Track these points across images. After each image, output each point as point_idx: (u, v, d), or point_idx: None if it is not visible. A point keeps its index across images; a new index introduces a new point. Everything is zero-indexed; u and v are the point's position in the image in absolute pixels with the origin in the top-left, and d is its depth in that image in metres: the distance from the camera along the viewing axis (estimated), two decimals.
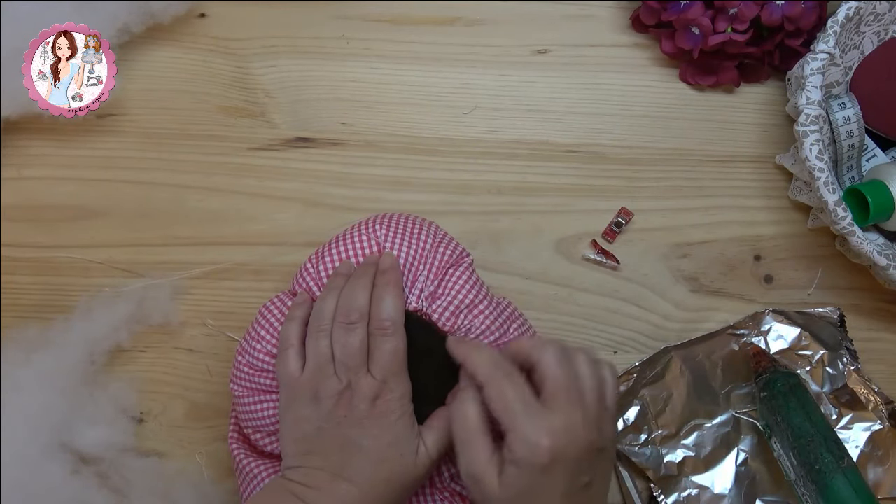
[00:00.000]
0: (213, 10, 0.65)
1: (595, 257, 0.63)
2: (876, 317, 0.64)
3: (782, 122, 0.65)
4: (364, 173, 0.64)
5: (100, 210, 0.64)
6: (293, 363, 0.51)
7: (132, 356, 0.62)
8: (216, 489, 0.61)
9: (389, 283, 0.52)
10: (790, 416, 0.56)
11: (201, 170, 0.64)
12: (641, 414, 0.61)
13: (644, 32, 0.65)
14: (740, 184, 0.64)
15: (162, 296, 0.62)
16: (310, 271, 0.55)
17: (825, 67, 0.58)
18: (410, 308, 0.53)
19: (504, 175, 0.64)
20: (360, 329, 0.50)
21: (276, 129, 0.64)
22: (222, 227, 0.64)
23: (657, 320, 0.63)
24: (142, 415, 0.62)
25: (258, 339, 0.54)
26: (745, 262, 0.64)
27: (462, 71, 0.65)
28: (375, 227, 0.55)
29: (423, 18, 0.65)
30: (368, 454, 0.48)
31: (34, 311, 0.63)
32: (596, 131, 0.65)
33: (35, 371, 0.58)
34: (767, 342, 0.62)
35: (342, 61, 0.65)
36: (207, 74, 0.65)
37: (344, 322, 0.50)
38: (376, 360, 0.49)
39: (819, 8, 0.61)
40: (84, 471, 0.59)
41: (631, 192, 0.64)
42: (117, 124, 0.64)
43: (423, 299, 0.53)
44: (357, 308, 0.50)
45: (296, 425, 0.50)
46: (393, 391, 0.49)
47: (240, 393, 0.54)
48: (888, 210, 0.58)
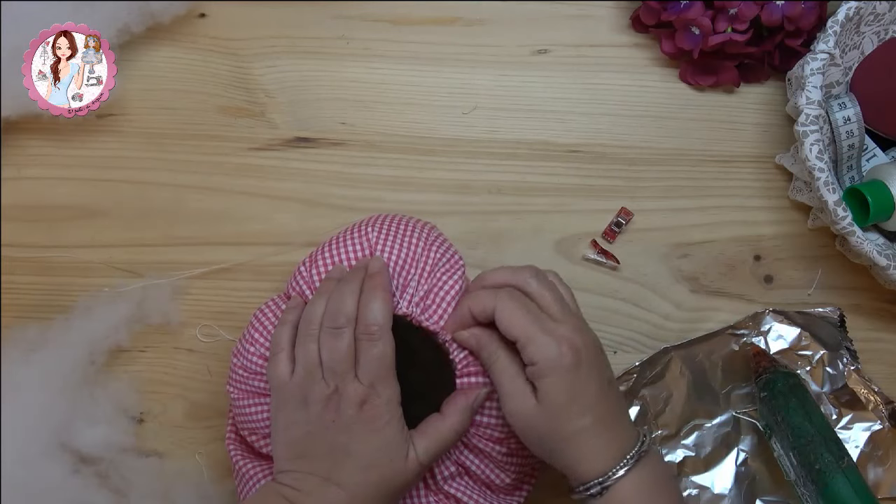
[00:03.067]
0: (213, 10, 0.65)
1: (595, 257, 0.63)
2: (876, 317, 0.64)
3: (782, 122, 0.65)
4: (364, 173, 0.64)
5: (100, 210, 0.64)
6: (283, 367, 0.51)
7: (132, 356, 0.62)
8: (216, 489, 0.61)
9: (377, 287, 0.51)
10: (790, 416, 0.56)
11: (201, 170, 0.64)
12: (641, 414, 0.61)
13: (644, 32, 0.65)
14: (740, 184, 0.64)
15: (162, 296, 0.62)
16: (303, 275, 0.55)
17: (825, 67, 0.58)
18: (400, 312, 0.53)
19: (504, 175, 0.64)
20: (347, 334, 0.50)
21: (276, 129, 0.64)
22: (222, 227, 0.64)
23: (657, 320, 0.63)
24: (142, 415, 0.62)
25: (252, 342, 0.54)
26: (745, 262, 0.64)
27: (462, 71, 0.65)
28: (367, 229, 0.55)
29: (423, 18, 0.65)
30: (357, 459, 0.49)
31: (34, 311, 0.63)
32: (596, 131, 0.65)
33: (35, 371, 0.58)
34: (767, 342, 0.62)
35: (342, 61, 0.65)
36: (207, 74, 0.65)
37: (331, 326, 0.50)
38: (363, 364, 0.49)
39: (819, 8, 0.61)
40: (84, 471, 0.59)
41: (631, 192, 0.64)
42: (117, 124, 0.64)
43: (413, 303, 0.53)
44: (344, 312, 0.50)
45: (286, 429, 0.50)
46: (380, 396, 0.49)
47: (235, 395, 0.54)
48: (888, 210, 0.58)
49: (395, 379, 0.50)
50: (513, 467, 0.53)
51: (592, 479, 0.47)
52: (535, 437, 0.49)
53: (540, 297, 0.50)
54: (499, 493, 0.55)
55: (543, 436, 0.48)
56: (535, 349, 0.47)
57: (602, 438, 0.48)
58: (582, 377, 0.48)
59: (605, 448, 0.48)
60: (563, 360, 0.47)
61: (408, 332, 0.52)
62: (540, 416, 0.48)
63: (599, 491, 0.47)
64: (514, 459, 0.53)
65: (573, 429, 0.48)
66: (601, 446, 0.48)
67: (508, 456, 0.53)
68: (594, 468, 0.47)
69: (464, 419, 0.51)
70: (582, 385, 0.48)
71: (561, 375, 0.47)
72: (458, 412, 0.51)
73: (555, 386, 0.47)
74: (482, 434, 0.53)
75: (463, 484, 0.54)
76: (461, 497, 0.53)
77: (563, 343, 0.48)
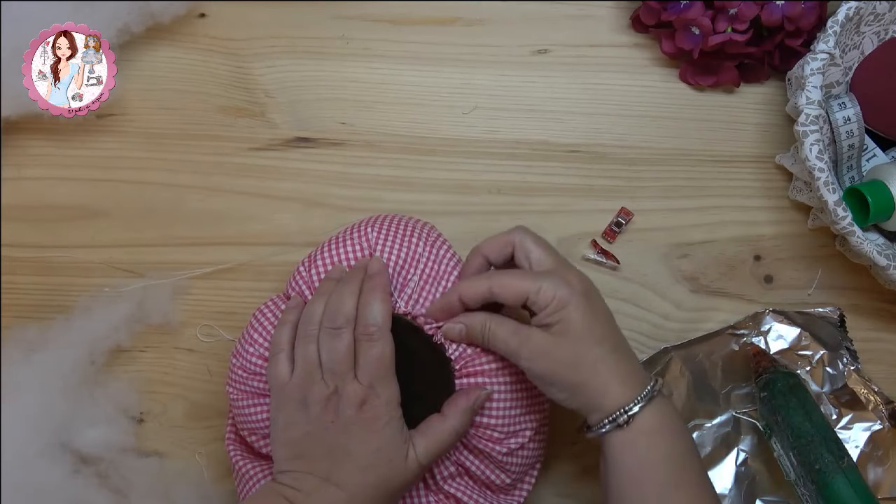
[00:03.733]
0: (213, 10, 0.65)
1: (595, 257, 0.63)
2: (876, 317, 0.64)
3: (782, 122, 0.65)
4: (364, 173, 0.64)
5: (100, 210, 0.64)
6: (283, 368, 0.51)
7: (132, 356, 0.62)
8: (216, 489, 0.61)
9: (376, 287, 0.51)
10: (790, 416, 0.56)
11: (201, 170, 0.64)
12: None
13: (644, 32, 0.65)
14: (740, 184, 0.64)
15: (162, 296, 0.62)
16: (302, 275, 0.55)
17: (825, 67, 0.58)
18: (399, 312, 0.53)
19: (504, 175, 0.64)
20: (347, 334, 0.50)
21: (276, 129, 0.64)
22: (222, 227, 0.64)
23: (657, 320, 0.63)
24: (142, 415, 0.62)
25: (251, 342, 0.54)
26: (745, 262, 0.64)
27: (462, 71, 0.65)
28: (367, 229, 0.55)
29: (423, 18, 0.65)
30: (356, 459, 0.49)
31: (34, 311, 0.63)
32: (596, 131, 0.65)
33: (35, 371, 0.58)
34: (767, 342, 0.62)
35: (342, 61, 0.65)
36: (207, 74, 0.65)
37: (330, 327, 0.50)
38: (362, 365, 0.49)
39: (819, 8, 0.61)
40: (84, 471, 0.59)
41: (631, 192, 0.64)
42: (117, 124, 0.64)
43: (412, 303, 0.53)
44: (343, 313, 0.50)
45: (285, 430, 0.50)
46: (379, 396, 0.49)
47: (235, 396, 0.54)
48: (888, 210, 0.58)
49: (394, 379, 0.50)
50: (512, 467, 0.54)
51: (615, 410, 0.48)
52: (560, 374, 0.49)
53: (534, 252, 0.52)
54: (498, 493, 0.55)
55: (569, 368, 0.49)
56: (547, 290, 0.49)
57: (621, 368, 0.50)
58: (593, 305, 0.50)
59: (625, 378, 0.49)
60: (575, 289, 0.49)
61: (407, 333, 0.52)
62: (563, 348, 0.49)
63: (627, 420, 0.48)
64: (513, 459, 0.53)
65: (596, 355, 0.49)
66: (622, 376, 0.49)
67: (508, 456, 0.53)
68: (617, 400, 0.49)
69: (464, 420, 0.51)
70: (594, 312, 0.50)
71: (577, 303, 0.49)
72: (459, 413, 0.51)
73: (574, 313, 0.49)
74: (482, 434, 0.53)
75: (463, 484, 0.54)
76: (461, 497, 0.53)
77: (569, 277, 0.50)
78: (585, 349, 0.49)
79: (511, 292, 0.50)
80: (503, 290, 0.50)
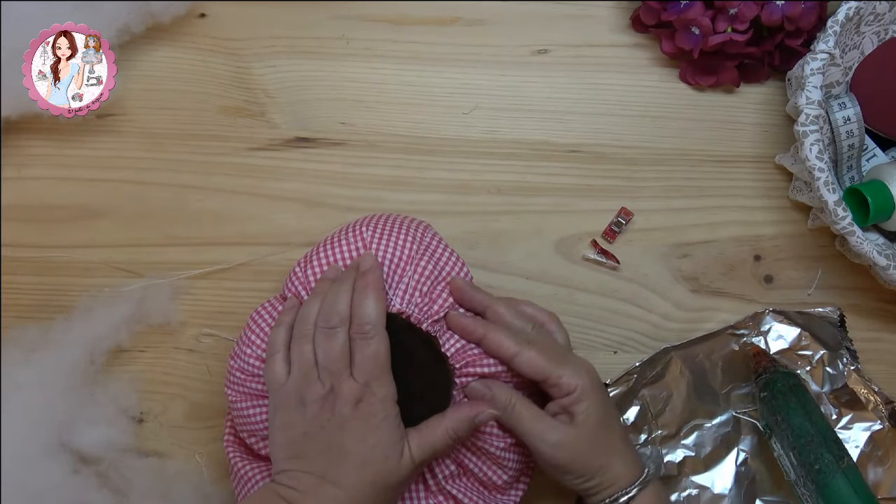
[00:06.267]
0: (213, 10, 0.65)
1: (595, 257, 0.63)
2: (876, 317, 0.64)
3: (782, 122, 0.65)
4: (364, 173, 0.64)
5: (100, 210, 0.64)
6: (279, 369, 0.51)
7: (132, 356, 0.62)
8: (216, 489, 0.61)
9: (368, 285, 0.51)
10: (790, 416, 0.56)
11: (201, 170, 0.64)
12: (641, 414, 0.61)
13: (644, 32, 0.65)
14: (740, 184, 0.64)
15: (162, 296, 0.62)
16: (298, 276, 0.55)
17: (825, 67, 0.58)
18: (394, 310, 0.53)
19: (504, 175, 0.64)
20: (341, 333, 0.50)
21: (276, 129, 0.64)
22: (222, 227, 0.64)
23: (657, 320, 0.63)
24: (142, 415, 0.62)
25: (249, 343, 0.54)
26: (745, 262, 0.64)
27: (462, 71, 0.65)
28: (362, 229, 0.55)
29: (423, 18, 0.65)
30: (353, 457, 0.49)
31: (34, 311, 0.63)
32: (596, 131, 0.65)
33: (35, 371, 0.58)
34: (767, 342, 0.62)
35: (342, 61, 0.65)
36: (207, 74, 0.65)
37: (325, 327, 0.50)
38: (357, 363, 0.50)
39: (819, 8, 0.61)
40: (84, 471, 0.59)
41: (631, 192, 0.64)
42: (117, 124, 0.64)
43: (407, 301, 0.53)
44: (337, 312, 0.51)
45: (283, 430, 0.50)
46: (375, 394, 0.49)
47: (233, 398, 0.54)
48: (888, 210, 0.58)
49: (390, 376, 0.50)
50: (510, 463, 0.54)
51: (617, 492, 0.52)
52: (578, 462, 0.52)
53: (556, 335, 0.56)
54: (496, 492, 0.55)
55: (588, 457, 0.52)
56: (569, 379, 0.52)
57: (629, 455, 0.53)
58: (604, 394, 0.54)
59: (628, 463, 0.53)
60: (593, 383, 0.53)
61: (404, 331, 0.52)
62: (584, 439, 0.52)
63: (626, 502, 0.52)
64: (510, 455, 0.53)
65: (612, 445, 0.52)
66: (629, 463, 0.53)
67: (505, 451, 0.53)
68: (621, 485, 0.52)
69: (463, 428, 0.51)
70: (606, 402, 0.54)
71: (595, 395, 0.52)
72: (459, 420, 0.51)
73: (593, 405, 0.52)
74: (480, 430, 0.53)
75: (462, 484, 0.54)
76: (460, 497, 0.53)
77: (585, 369, 0.53)
78: (604, 438, 0.52)
79: (533, 370, 0.52)
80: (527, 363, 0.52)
